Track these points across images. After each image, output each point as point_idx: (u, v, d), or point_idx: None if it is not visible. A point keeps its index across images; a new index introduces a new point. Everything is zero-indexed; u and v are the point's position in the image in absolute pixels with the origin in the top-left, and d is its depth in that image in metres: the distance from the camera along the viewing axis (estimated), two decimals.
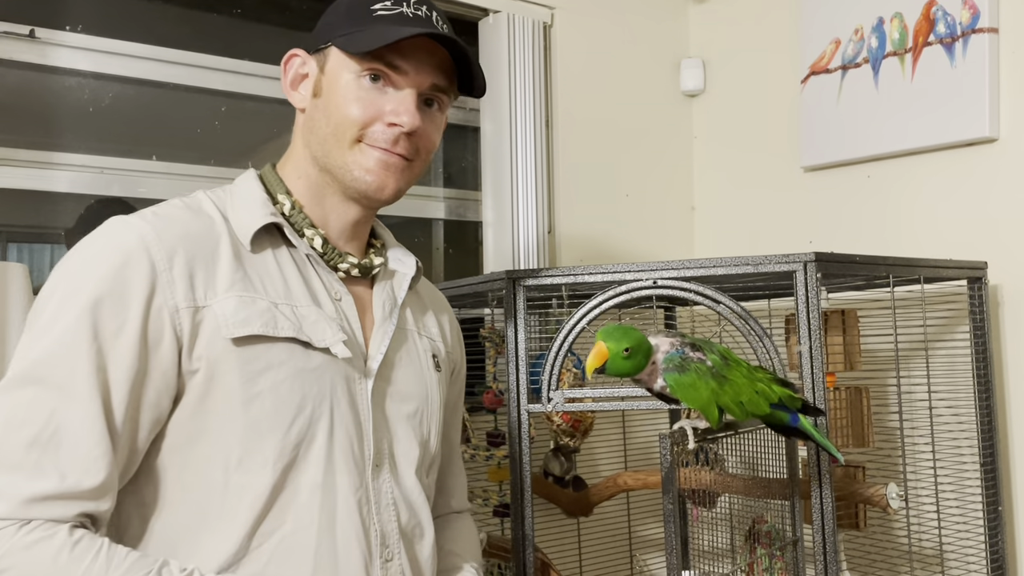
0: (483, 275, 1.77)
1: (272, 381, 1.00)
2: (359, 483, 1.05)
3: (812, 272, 1.52)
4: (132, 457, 0.99)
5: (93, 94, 1.93)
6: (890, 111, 2.13)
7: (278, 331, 1.01)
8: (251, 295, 1.01)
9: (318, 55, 1.10)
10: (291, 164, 1.14)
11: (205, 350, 0.98)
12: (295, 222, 1.09)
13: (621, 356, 1.16)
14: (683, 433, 1.24)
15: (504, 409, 1.92)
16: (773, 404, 1.27)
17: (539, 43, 2.36)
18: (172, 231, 1.01)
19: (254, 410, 0.99)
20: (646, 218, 2.56)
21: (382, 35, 1.05)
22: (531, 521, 1.61)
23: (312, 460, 1.01)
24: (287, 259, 1.08)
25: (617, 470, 2.30)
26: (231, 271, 1.02)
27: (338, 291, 1.10)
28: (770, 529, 1.75)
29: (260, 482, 0.99)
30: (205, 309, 0.99)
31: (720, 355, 1.21)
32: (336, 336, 1.05)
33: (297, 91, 1.12)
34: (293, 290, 1.06)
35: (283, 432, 1.00)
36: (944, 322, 1.94)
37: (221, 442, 0.99)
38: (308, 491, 1.01)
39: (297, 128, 1.15)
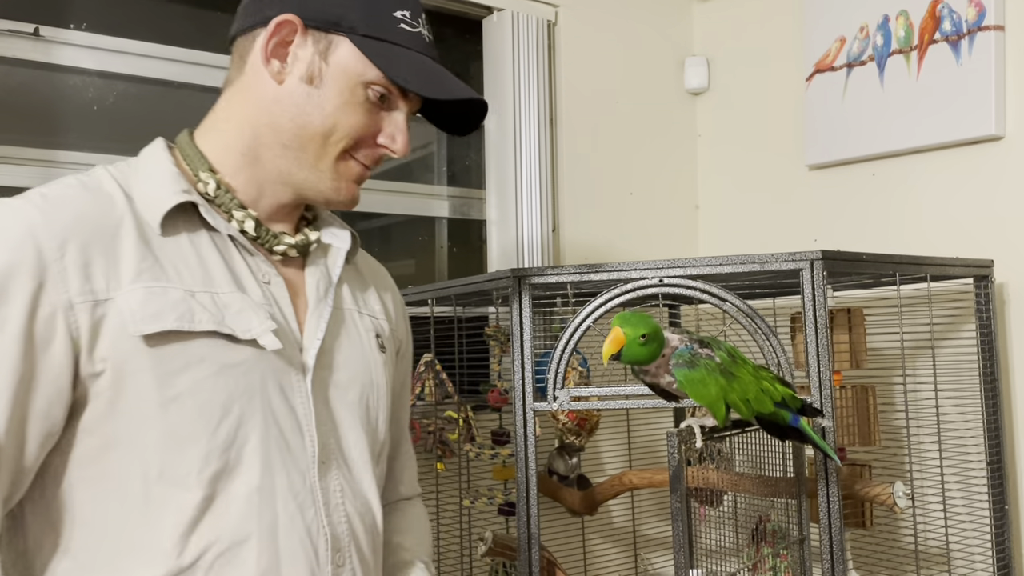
0: (488, 273, 1.76)
1: (192, 381, 0.88)
2: (302, 485, 0.94)
3: (819, 270, 1.51)
4: (20, 476, 0.86)
5: (98, 92, 1.93)
6: (895, 109, 2.12)
7: (195, 324, 0.89)
8: (162, 285, 0.89)
9: (317, 36, 0.96)
10: (219, 136, 0.99)
11: (109, 350, 0.86)
12: (221, 203, 0.96)
13: (638, 343, 1.15)
14: (690, 431, 1.24)
15: (509, 408, 1.92)
16: (776, 403, 1.26)
17: (543, 41, 2.36)
18: (64, 214, 0.88)
19: (172, 415, 0.88)
20: (650, 217, 2.55)
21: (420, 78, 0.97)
22: (537, 520, 1.61)
23: (246, 465, 0.91)
24: (206, 241, 0.95)
25: (622, 469, 2.30)
26: (137, 258, 0.89)
27: (266, 273, 0.98)
28: (775, 528, 1.75)
29: (186, 494, 0.88)
30: (107, 303, 0.87)
31: (727, 352, 1.21)
32: (264, 325, 0.92)
33: (276, 62, 0.96)
34: (214, 276, 0.93)
35: (207, 437, 0.89)
36: (950, 320, 1.94)
37: (136, 452, 0.88)
38: (243, 499, 0.90)
39: (241, 96, 0.98)
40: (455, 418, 1.94)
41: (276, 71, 0.96)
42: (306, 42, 0.96)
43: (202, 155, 0.98)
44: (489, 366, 2.01)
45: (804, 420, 1.30)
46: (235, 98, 0.99)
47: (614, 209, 2.48)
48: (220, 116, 1.00)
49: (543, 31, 2.36)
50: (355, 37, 0.96)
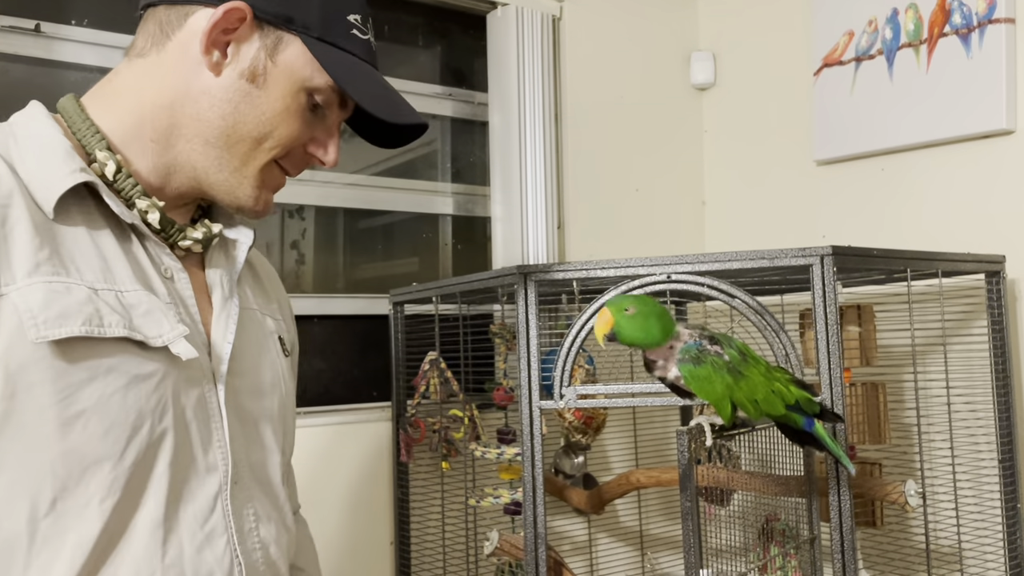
0: (493, 270, 1.74)
1: (98, 396, 0.75)
2: (210, 511, 0.82)
3: (829, 266, 1.49)
4: None
5: None
6: (905, 103, 2.10)
7: (105, 330, 0.76)
8: (64, 281, 0.76)
9: (267, 30, 0.85)
10: (121, 112, 0.85)
11: (2, 357, 0.73)
12: (121, 188, 0.83)
13: (626, 317, 1.12)
14: (700, 430, 1.22)
15: (514, 406, 1.91)
16: (789, 406, 1.24)
17: (548, 37, 2.34)
18: None
19: (75, 434, 0.74)
20: (656, 213, 2.53)
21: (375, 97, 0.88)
22: (543, 519, 1.59)
23: (152, 492, 0.78)
24: (103, 228, 0.81)
25: (628, 467, 2.28)
26: (33, 246, 0.75)
27: (168, 267, 0.86)
28: (783, 527, 1.73)
29: (84, 528, 0.75)
30: (1, 300, 0.73)
31: (738, 351, 1.19)
32: (175, 330, 0.81)
33: (216, 51, 0.85)
34: (114, 270, 0.80)
35: (115, 460, 0.76)
36: (961, 316, 1.92)
37: (25, 479, 0.74)
38: (148, 533, 0.78)
39: (159, 75, 0.85)
40: (460, 417, 1.92)
41: (215, 62, 0.84)
42: (253, 35, 0.85)
43: (96, 129, 0.84)
44: (494, 364, 1.99)
45: (819, 425, 1.28)
46: (150, 74, 0.85)
47: (619, 205, 2.46)
48: (124, 89, 0.86)
49: (547, 26, 2.34)
50: (308, 39, 0.86)
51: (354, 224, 2.28)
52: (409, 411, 1.97)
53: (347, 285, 2.25)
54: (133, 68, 0.87)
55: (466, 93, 2.39)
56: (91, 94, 0.88)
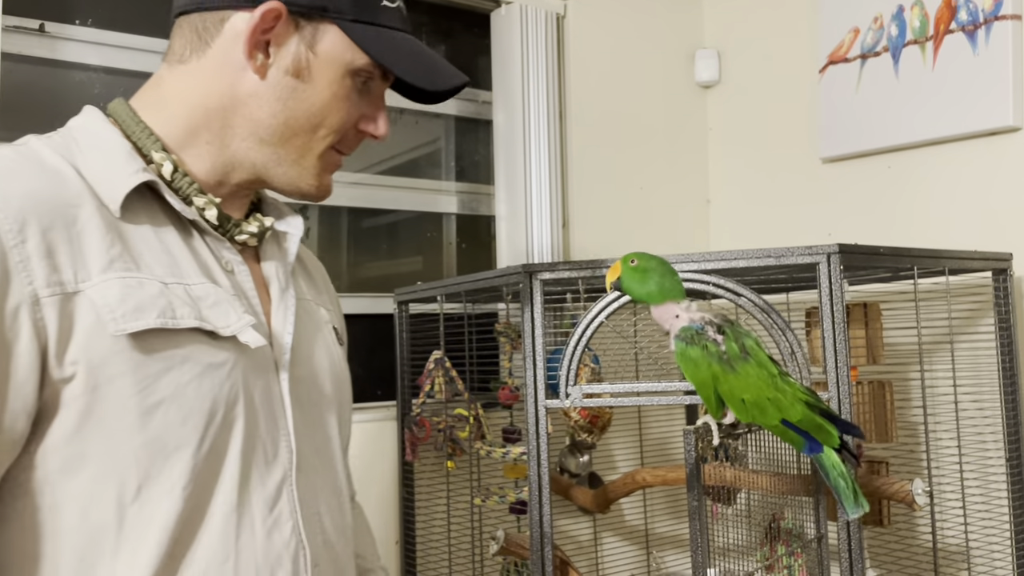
0: (498, 269, 1.74)
1: (175, 385, 0.78)
2: (278, 496, 0.85)
3: (836, 264, 1.49)
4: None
5: (104, 88, 1.91)
6: (911, 100, 2.09)
7: (178, 321, 0.79)
8: (136, 276, 0.78)
9: (303, 23, 0.86)
10: (172, 116, 0.88)
11: (83, 351, 0.75)
12: (179, 187, 0.86)
13: (630, 268, 1.21)
14: (707, 429, 1.21)
15: (520, 405, 1.90)
16: (787, 421, 1.21)
17: (552, 35, 2.33)
18: (17, 192, 0.75)
19: (156, 423, 0.77)
20: (661, 211, 2.53)
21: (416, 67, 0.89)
22: (549, 518, 1.59)
23: (226, 478, 0.81)
24: (165, 224, 0.84)
25: (633, 466, 2.27)
26: (105, 244, 0.78)
27: (229, 260, 0.88)
28: (789, 526, 1.72)
29: (166, 512, 0.78)
30: (77, 296, 0.75)
31: (742, 348, 1.18)
32: (242, 320, 0.83)
33: (259, 54, 0.86)
34: (181, 264, 0.83)
35: (194, 447, 0.79)
36: (968, 314, 1.91)
37: (112, 469, 0.76)
38: (222, 517, 0.81)
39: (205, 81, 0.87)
40: (465, 416, 1.92)
41: (258, 64, 0.86)
42: (290, 31, 0.86)
43: (150, 131, 0.86)
44: (499, 363, 1.99)
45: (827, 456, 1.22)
46: (194, 80, 0.87)
47: (624, 204, 2.46)
48: (171, 94, 0.88)
49: (551, 24, 2.34)
50: (343, 23, 0.87)
51: (358, 223, 2.28)
52: (414, 410, 1.97)
53: (351, 284, 2.25)
54: (176, 74, 0.89)
55: (470, 91, 2.38)
56: (139, 98, 0.90)
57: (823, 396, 1.50)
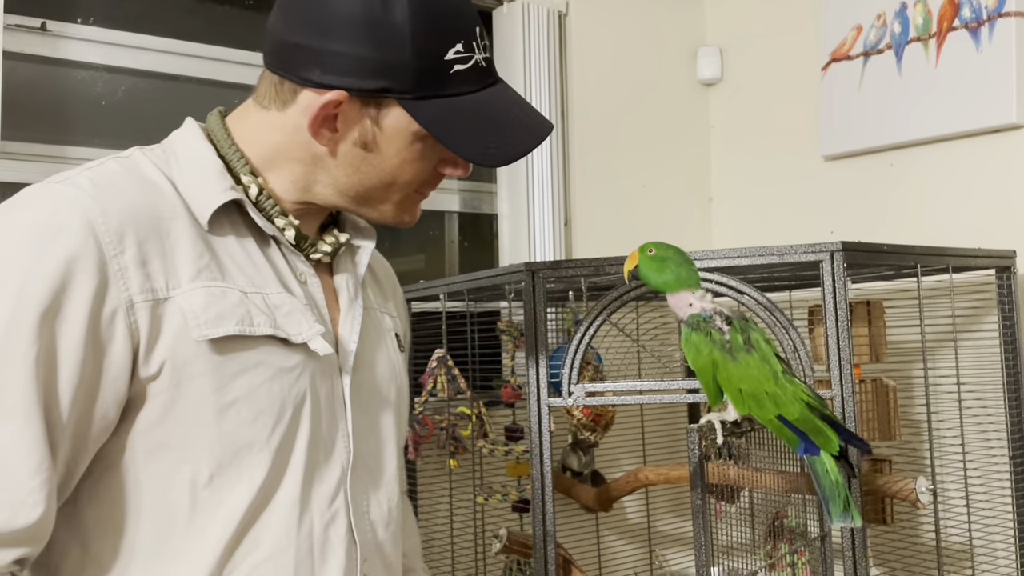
0: (501, 267, 1.74)
1: (248, 386, 0.85)
2: (335, 493, 0.92)
3: (839, 261, 1.48)
4: (68, 482, 0.84)
5: (106, 87, 1.91)
6: (914, 98, 2.09)
7: (255, 329, 0.86)
8: (220, 286, 0.86)
9: (367, 103, 0.89)
10: (264, 147, 0.93)
11: (169, 352, 0.82)
12: (263, 208, 0.92)
13: (647, 256, 1.23)
14: (711, 427, 1.21)
15: (522, 403, 1.90)
16: (783, 418, 1.21)
17: (554, 32, 2.33)
18: (117, 203, 0.82)
19: (229, 420, 0.85)
20: (663, 209, 2.52)
21: (483, 132, 0.91)
22: (552, 517, 1.58)
23: (291, 473, 0.89)
24: (247, 237, 0.91)
25: (635, 464, 2.27)
26: (194, 255, 0.85)
27: (302, 272, 0.94)
28: (792, 524, 1.72)
29: (235, 501, 0.85)
30: (167, 302, 0.83)
31: (747, 340, 1.18)
32: (313, 329, 0.90)
33: (325, 131, 0.90)
34: (261, 274, 0.90)
35: (262, 444, 0.87)
36: (971, 312, 1.91)
37: (188, 457, 0.85)
38: (285, 509, 0.88)
39: (288, 138, 0.92)
40: (468, 414, 1.92)
41: (327, 140, 0.91)
42: (356, 110, 0.89)
43: (241, 154, 0.92)
44: (502, 361, 1.99)
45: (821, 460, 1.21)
46: (277, 129, 0.92)
47: (627, 202, 2.46)
48: (259, 129, 0.93)
49: (554, 22, 2.34)
50: (406, 102, 0.89)
51: None
52: (416, 408, 1.97)
53: None
54: (261, 116, 0.93)
55: None
56: (234, 118, 0.95)
57: (826, 394, 1.50)
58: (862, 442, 1.24)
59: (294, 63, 0.89)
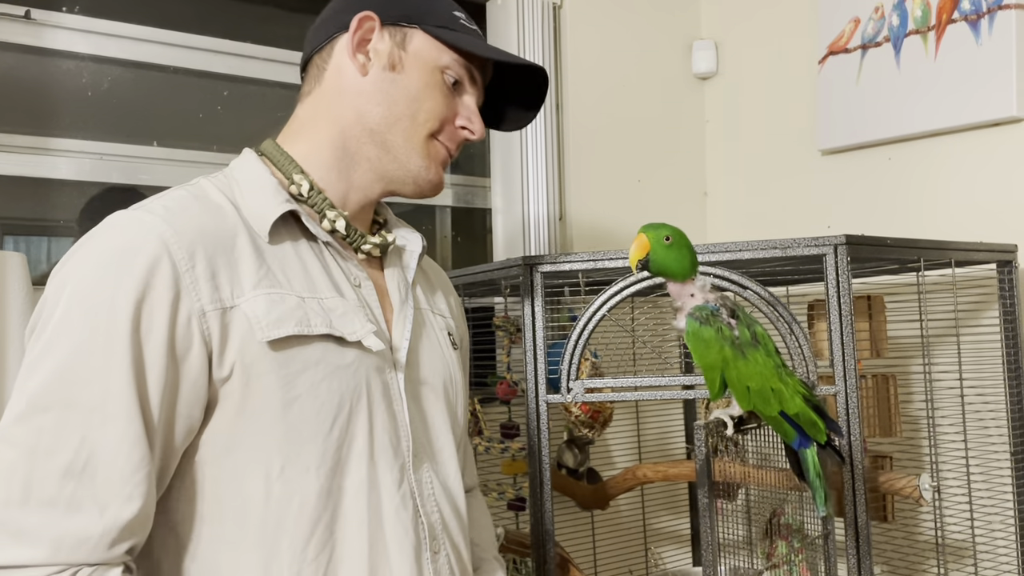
0: (497, 261, 1.71)
1: (310, 382, 0.94)
2: (401, 478, 1.00)
3: (843, 255, 1.46)
4: (162, 479, 0.92)
5: (92, 77, 1.87)
6: (912, 91, 2.07)
7: (312, 329, 0.95)
8: (279, 292, 0.95)
9: (393, 30, 1.06)
10: (305, 139, 1.06)
11: (237, 354, 0.91)
12: (314, 203, 1.03)
13: (663, 245, 1.15)
14: (720, 423, 1.18)
15: (518, 400, 1.87)
16: (784, 414, 1.20)
17: (548, 25, 2.30)
18: (188, 225, 0.92)
19: (293, 414, 0.93)
20: (658, 204, 2.50)
21: (487, 48, 1.08)
22: (551, 515, 1.56)
23: (354, 461, 0.97)
24: (305, 247, 1.01)
25: (631, 461, 2.25)
26: (255, 266, 0.95)
27: (356, 276, 1.04)
28: (789, 521, 1.70)
29: (306, 490, 0.93)
30: (233, 310, 0.92)
31: (753, 335, 1.15)
32: (366, 328, 0.99)
33: (360, 56, 1.05)
34: (316, 281, 0.99)
35: (324, 435, 0.95)
36: (972, 307, 1.89)
37: (260, 451, 0.92)
38: (354, 493, 0.96)
39: (324, 99, 1.07)
40: None
41: (361, 64, 1.04)
42: (384, 36, 1.05)
43: (291, 159, 1.04)
44: (497, 358, 1.96)
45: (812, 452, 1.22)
46: (318, 103, 1.07)
47: (622, 196, 2.43)
48: (303, 121, 1.07)
49: (548, 14, 2.30)
50: (426, 27, 1.06)
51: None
52: None
53: None
54: (305, 106, 1.09)
55: None
56: (282, 135, 1.09)
57: (829, 390, 1.48)
58: (837, 426, 1.23)
59: (332, 25, 1.07)
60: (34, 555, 0.82)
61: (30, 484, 0.83)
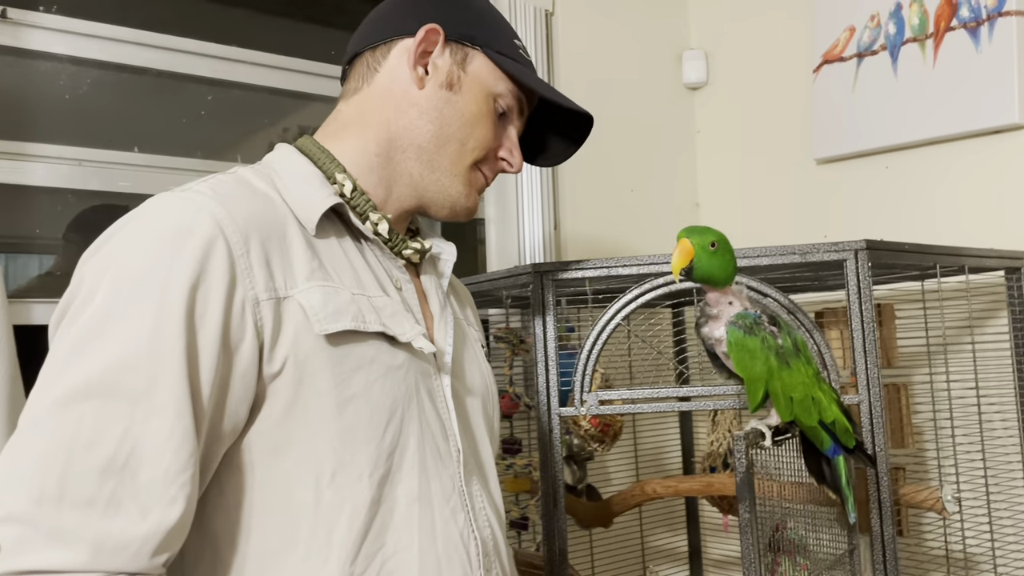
0: (503, 270, 1.65)
1: (365, 382, 0.88)
2: (452, 490, 0.94)
3: (863, 260, 1.42)
4: (202, 481, 0.84)
5: (70, 80, 1.78)
6: (910, 99, 2.05)
7: (367, 325, 0.89)
8: (333, 285, 0.89)
9: (455, 47, 1.02)
10: (349, 139, 1.01)
11: (290, 348, 0.85)
12: (356, 204, 0.98)
13: (708, 251, 1.09)
14: (758, 434, 1.13)
15: (520, 414, 1.81)
16: (821, 422, 1.17)
17: (540, 31, 2.26)
18: (240, 208, 0.86)
19: (348, 415, 0.86)
20: (651, 214, 2.46)
21: (545, 87, 1.06)
22: (564, 535, 1.49)
23: (406, 469, 0.90)
24: (350, 245, 0.96)
25: (628, 477, 2.19)
26: (307, 257, 0.89)
27: (398, 279, 0.99)
28: (793, 536, 1.65)
29: (358, 498, 0.86)
30: (287, 300, 0.86)
31: (794, 343, 1.11)
32: (415, 329, 0.94)
33: (420, 67, 1.01)
34: (362, 278, 0.94)
35: (378, 439, 0.88)
36: (980, 314, 1.87)
37: (311, 454, 0.85)
38: (405, 505, 0.90)
39: (375, 102, 1.02)
40: None
41: (419, 76, 1.01)
42: (445, 52, 1.02)
43: (333, 157, 0.99)
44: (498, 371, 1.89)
45: (843, 459, 1.21)
46: (366, 104, 1.02)
47: (615, 206, 2.38)
48: (347, 121, 1.03)
49: (540, 20, 2.26)
50: (489, 51, 1.03)
51: None
52: None
53: None
54: (351, 104, 1.04)
55: None
56: (321, 131, 1.05)
57: (852, 399, 1.44)
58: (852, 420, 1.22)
59: (392, 26, 1.03)
60: (74, 559, 0.74)
61: (66, 479, 0.75)
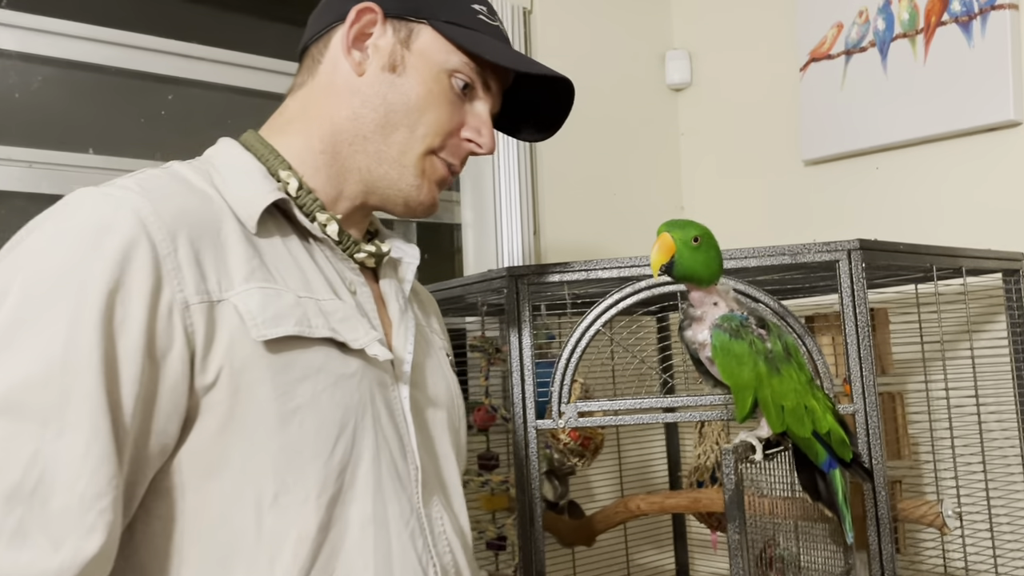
0: (475, 274, 1.56)
1: (311, 392, 0.79)
2: (410, 511, 0.86)
3: (858, 261, 1.34)
4: (126, 510, 0.74)
5: (20, 77, 1.69)
6: (901, 97, 1.98)
7: (313, 330, 0.81)
8: (274, 287, 0.81)
9: (398, 24, 0.92)
10: (293, 135, 0.93)
11: (225, 357, 0.76)
12: (303, 204, 0.90)
13: (690, 247, 1.01)
14: (748, 447, 1.05)
15: (497, 428, 1.72)
16: (816, 433, 1.08)
17: (519, 29, 2.17)
18: (168, 204, 0.78)
19: (292, 430, 0.78)
20: (634, 218, 2.37)
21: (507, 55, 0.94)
22: (543, 555, 1.40)
23: (360, 488, 0.82)
24: (296, 244, 0.88)
25: (611, 493, 2.10)
26: (246, 257, 0.81)
27: (352, 281, 0.91)
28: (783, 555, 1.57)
29: (304, 521, 0.78)
30: (222, 304, 0.77)
31: (785, 347, 1.02)
32: (370, 335, 0.85)
33: (356, 52, 0.92)
34: (310, 280, 0.86)
35: (327, 455, 0.80)
36: (977, 319, 1.79)
37: (250, 475, 0.77)
38: (359, 527, 0.81)
39: (317, 94, 0.94)
40: None
41: (357, 61, 0.92)
42: (386, 31, 0.93)
43: (277, 153, 0.92)
44: (468, 382, 1.80)
45: (839, 473, 1.13)
46: (309, 97, 0.95)
47: (597, 210, 2.30)
48: (291, 116, 0.95)
49: (519, 18, 2.18)
50: (436, 23, 0.93)
51: None
52: None
53: None
54: (296, 99, 0.96)
55: None
56: (267, 126, 0.97)
57: (848, 408, 1.35)
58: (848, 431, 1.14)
59: (330, 13, 0.94)
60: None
61: None
